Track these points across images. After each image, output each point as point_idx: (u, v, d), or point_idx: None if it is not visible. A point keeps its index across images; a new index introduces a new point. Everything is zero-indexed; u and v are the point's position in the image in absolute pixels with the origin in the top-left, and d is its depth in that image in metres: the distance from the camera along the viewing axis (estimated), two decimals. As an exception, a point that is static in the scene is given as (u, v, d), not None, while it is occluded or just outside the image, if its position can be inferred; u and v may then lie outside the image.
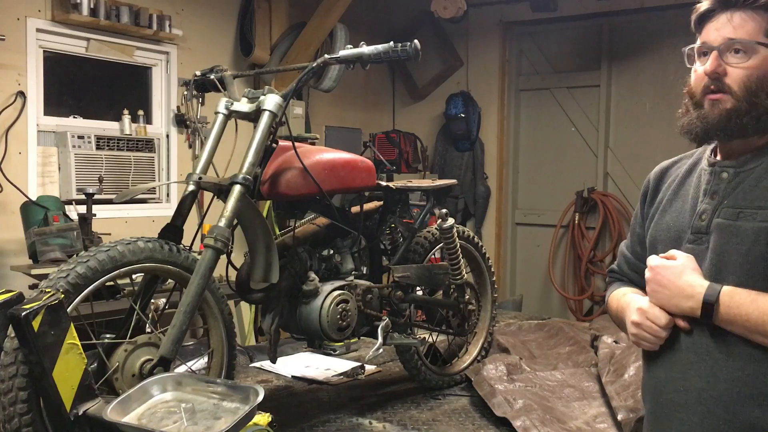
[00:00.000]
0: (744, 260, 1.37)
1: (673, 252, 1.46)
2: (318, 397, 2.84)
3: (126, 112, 4.57)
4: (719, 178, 1.47)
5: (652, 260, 1.48)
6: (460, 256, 2.91)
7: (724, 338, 1.39)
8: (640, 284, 1.67)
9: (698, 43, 1.47)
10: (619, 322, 1.67)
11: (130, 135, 4.57)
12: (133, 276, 2.06)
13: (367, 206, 2.81)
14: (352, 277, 2.59)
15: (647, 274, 1.47)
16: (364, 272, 2.77)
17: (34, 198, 3.95)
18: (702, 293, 1.37)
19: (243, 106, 2.30)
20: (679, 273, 1.41)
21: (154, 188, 4.79)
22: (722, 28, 1.42)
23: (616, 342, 3.19)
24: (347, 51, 2.26)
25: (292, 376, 3.10)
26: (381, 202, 2.86)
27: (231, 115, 2.32)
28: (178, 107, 4.89)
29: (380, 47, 2.23)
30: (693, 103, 1.46)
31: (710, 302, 1.36)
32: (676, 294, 1.41)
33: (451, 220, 2.83)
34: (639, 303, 1.51)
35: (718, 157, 1.51)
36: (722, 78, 1.41)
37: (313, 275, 2.45)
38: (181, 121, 4.89)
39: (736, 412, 1.38)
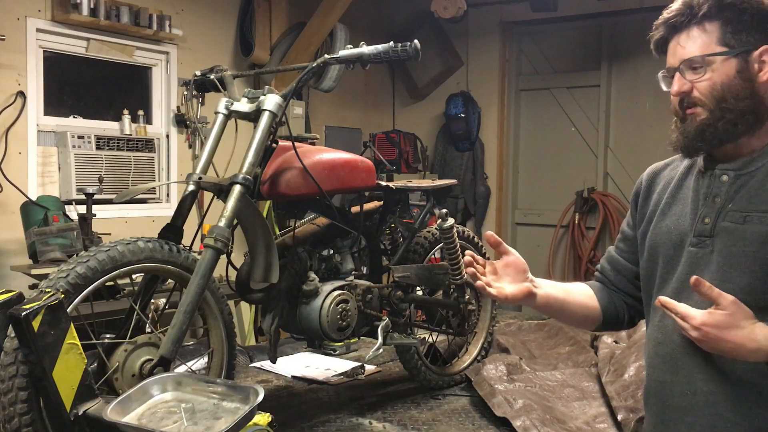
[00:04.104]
0: (752, 262, 1.37)
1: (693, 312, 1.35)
2: (318, 397, 2.84)
3: (126, 112, 4.57)
4: (719, 182, 1.47)
5: (694, 318, 1.34)
6: (460, 256, 2.91)
7: None
8: (614, 278, 1.73)
9: (665, 68, 1.53)
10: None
11: (130, 135, 4.57)
12: (133, 276, 2.06)
13: (367, 206, 2.81)
14: (352, 277, 2.60)
15: (693, 333, 1.34)
16: (364, 272, 2.77)
17: (34, 198, 3.94)
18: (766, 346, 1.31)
19: (243, 106, 2.30)
20: (731, 327, 1.32)
21: (154, 188, 4.79)
22: (676, 51, 1.48)
23: (616, 342, 3.19)
24: (347, 51, 2.26)
25: (292, 376, 3.10)
26: (381, 202, 2.86)
27: (231, 115, 2.32)
28: (178, 107, 4.89)
29: (380, 47, 2.23)
30: (679, 119, 1.51)
31: None
32: (736, 348, 1.33)
33: (451, 220, 2.83)
34: None
35: (710, 159, 1.52)
36: (691, 94, 1.46)
37: (313, 275, 2.45)
38: (181, 121, 4.89)
39: (744, 415, 1.37)
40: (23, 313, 1.60)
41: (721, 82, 1.42)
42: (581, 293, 1.72)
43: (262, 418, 1.70)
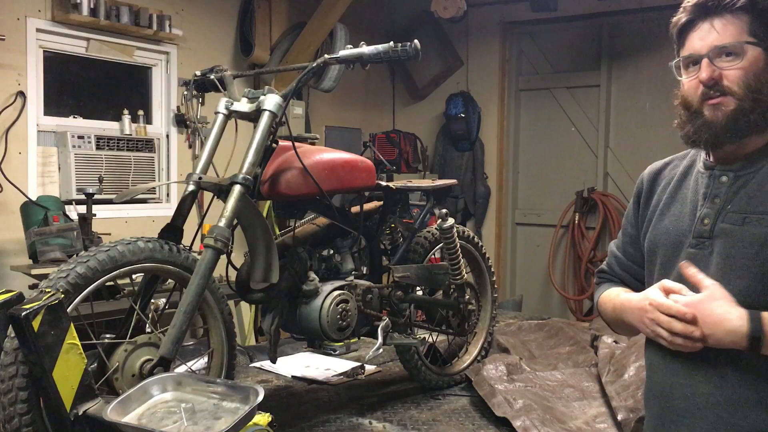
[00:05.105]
0: (752, 263, 1.37)
1: (681, 286, 1.40)
2: (318, 397, 2.84)
3: (126, 112, 4.57)
4: (719, 182, 1.46)
5: (676, 300, 1.38)
6: (460, 256, 2.91)
7: None
8: (631, 285, 1.68)
9: (685, 54, 1.48)
10: (617, 324, 1.65)
11: (130, 135, 4.57)
12: (133, 276, 2.06)
13: (367, 206, 2.81)
14: (352, 277, 2.59)
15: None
16: (364, 272, 2.77)
17: (34, 198, 3.94)
18: (744, 326, 1.31)
19: (243, 106, 2.30)
20: (709, 307, 1.35)
21: (154, 188, 4.79)
22: (706, 36, 1.43)
23: (616, 342, 3.19)
24: (347, 51, 2.26)
25: (292, 376, 3.10)
26: (381, 202, 2.86)
27: (231, 115, 2.32)
28: (178, 107, 4.89)
29: (380, 47, 2.23)
30: (691, 113, 1.46)
31: (757, 336, 1.31)
32: (713, 332, 1.34)
33: (451, 220, 2.83)
34: (645, 299, 1.45)
35: (712, 160, 1.51)
36: (720, 82, 1.41)
37: (313, 275, 2.45)
38: (181, 121, 4.89)
39: (744, 417, 1.37)
40: (23, 313, 1.60)
41: (754, 72, 1.39)
42: None
43: (262, 418, 1.70)
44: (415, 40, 2.21)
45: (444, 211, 2.84)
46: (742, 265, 1.38)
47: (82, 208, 3.96)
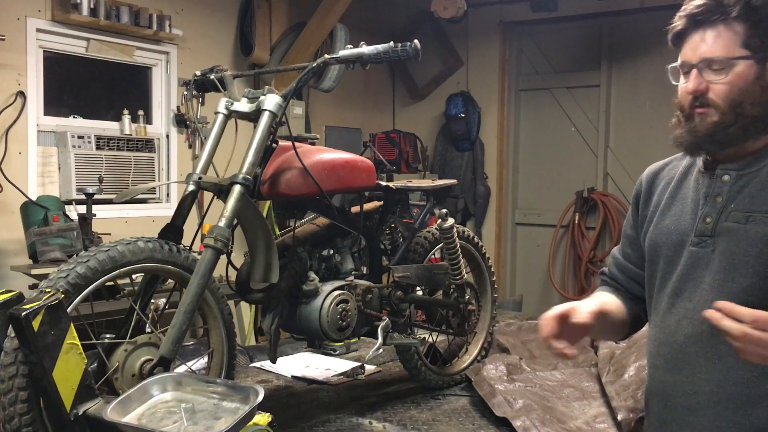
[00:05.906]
0: (756, 262, 1.37)
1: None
2: (318, 397, 2.84)
3: (126, 112, 4.57)
4: (720, 181, 1.47)
5: (744, 315, 1.23)
6: (460, 256, 2.91)
7: None
8: (628, 286, 1.70)
9: (679, 61, 1.49)
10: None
11: (130, 135, 4.58)
12: (133, 276, 2.06)
13: (367, 206, 2.81)
14: (352, 277, 2.59)
15: (736, 330, 1.24)
16: (364, 272, 2.77)
17: (34, 198, 3.95)
18: None
19: (243, 106, 2.30)
20: None
21: (154, 188, 4.79)
22: (697, 47, 1.44)
23: (616, 342, 3.19)
24: (347, 51, 2.26)
25: (292, 376, 3.10)
26: (381, 202, 2.86)
27: (231, 115, 2.32)
28: (178, 107, 4.89)
29: (380, 47, 2.23)
30: (684, 116, 1.48)
31: None
32: None
33: (451, 220, 2.83)
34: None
35: (711, 159, 1.51)
36: (706, 95, 1.42)
37: (313, 275, 2.45)
38: (181, 121, 4.89)
39: (747, 415, 1.37)
40: (23, 313, 1.60)
41: (739, 87, 1.40)
42: (616, 311, 1.64)
43: (262, 418, 1.70)
44: (415, 40, 2.21)
45: (444, 211, 2.84)
46: (746, 263, 1.38)
47: (82, 208, 3.96)
